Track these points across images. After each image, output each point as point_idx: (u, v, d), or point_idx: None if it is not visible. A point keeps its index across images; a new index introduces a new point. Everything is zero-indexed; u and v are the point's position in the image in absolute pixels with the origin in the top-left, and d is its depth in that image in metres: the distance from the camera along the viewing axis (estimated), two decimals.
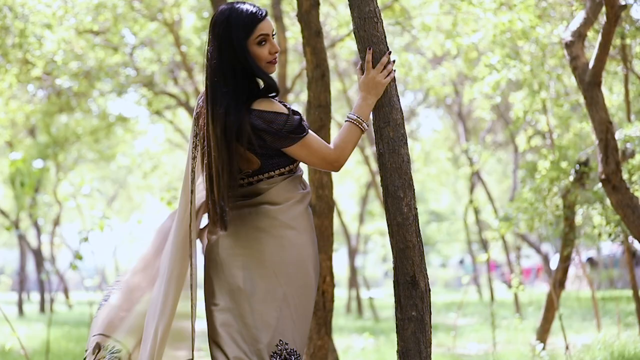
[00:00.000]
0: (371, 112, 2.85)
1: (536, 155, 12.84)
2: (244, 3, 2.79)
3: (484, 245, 17.57)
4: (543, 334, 7.24)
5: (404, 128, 2.84)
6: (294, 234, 2.79)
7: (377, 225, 20.43)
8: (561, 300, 8.56)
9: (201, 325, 2.87)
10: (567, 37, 4.83)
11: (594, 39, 6.58)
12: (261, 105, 2.74)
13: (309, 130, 2.79)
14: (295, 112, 2.77)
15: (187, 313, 2.85)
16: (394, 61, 2.87)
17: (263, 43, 2.77)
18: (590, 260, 21.23)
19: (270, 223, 2.78)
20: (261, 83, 2.82)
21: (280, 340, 2.74)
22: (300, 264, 2.79)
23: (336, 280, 5.06)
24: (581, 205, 6.71)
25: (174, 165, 20.40)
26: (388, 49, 2.86)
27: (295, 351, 2.76)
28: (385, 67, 2.83)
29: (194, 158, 2.87)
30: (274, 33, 2.81)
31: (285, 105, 2.80)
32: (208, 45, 2.81)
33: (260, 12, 2.76)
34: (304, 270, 2.80)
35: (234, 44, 2.74)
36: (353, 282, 16.72)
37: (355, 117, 2.82)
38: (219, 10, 2.81)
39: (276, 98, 2.83)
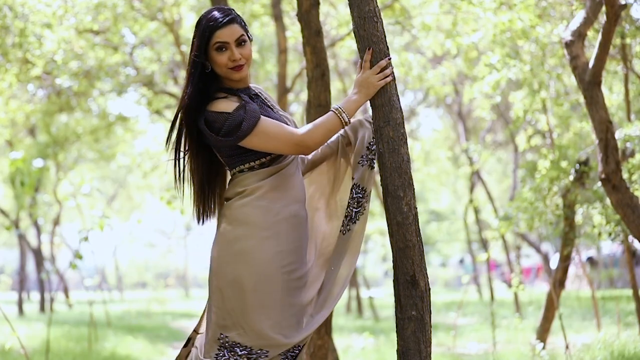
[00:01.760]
0: (357, 110, 2.86)
1: (536, 155, 12.84)
2: (219, 9, 2.87)
3: (484, 244, 17.56)
4: (543, 333, 7.24)
5: (404, 127, 2.84)
6: (229, 229, 2.85)
7: (377, 225, 20.40)
8: (561, 299, 8.56)
9: None
10: (567, 36, 4.82)
11: (594, 38, 6.58)
12: (211, 106, 2.84)
13: (264, 119, 2.81)
14: (242, 108, 2.81)
15: None
16: (392, 67, 2.86)
17: (222, 50, 2.84)
18: (590, 260, 21.23)
19: (220, 219, 2.91)
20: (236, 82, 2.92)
21: (221, 334, 2.81)
22: (228, 259, 2.82)
23: None
24: (581, 204, 6.70)
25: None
26: (388, 49, 2.86)
27: (239, 344, 2.79)
28: (382, 71, 2.83)
29: None
30: (241, 40, 2.85)
31: (243, 98, 2.86)
32: None
33: (220, 20, 2.83)
34: (233, 265, 2.81)
35: (196, 47, 2.85)
36: (353, 282, 16.71)
37: (338, 107, 2.84)
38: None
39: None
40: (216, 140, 2.82)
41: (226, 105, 2.83)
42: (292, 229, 2.87)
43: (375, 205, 21.17)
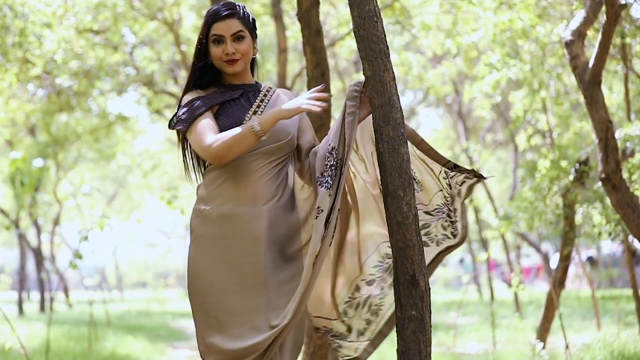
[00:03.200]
0: (273, 122, 2.72)
1: (536, 155, 12.84)
2: (225, 4, 2.88)
3: (484, 244, 17.56)
4: (543, 333, 7.24)
5: (404, 127, 2.83)
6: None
7: None
8: (561, 299, 8.56)
9: None
10: (567, 36, 4.82)
11: (594, 38, 6.58)
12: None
13: (203, 120, 2.76)
14: (193, 101, 2.81)
15: None
16: (329, 102, 2.80)
17: (219, 42, 2.87)
18: (590, 260, 21.23)
19: None
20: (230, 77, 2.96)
21: None
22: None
23: None
24: (581, 204, 6.71)
25: (173, 165, 20.42)
26: (388, 48, 2.83)
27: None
28: (315, 98, 2.75)
29: None
30: (239, 36, 2.87)
31: (217, 92, 2.88)
32: None
33: (219, 13, 2.85)
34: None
35: (198, 38, 2.90)
36: None
37: (255, 118, 2.74)
38: None
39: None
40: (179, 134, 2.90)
41: (187, 96, 2.87)
42: (222, 229, 2.77)
43: None
